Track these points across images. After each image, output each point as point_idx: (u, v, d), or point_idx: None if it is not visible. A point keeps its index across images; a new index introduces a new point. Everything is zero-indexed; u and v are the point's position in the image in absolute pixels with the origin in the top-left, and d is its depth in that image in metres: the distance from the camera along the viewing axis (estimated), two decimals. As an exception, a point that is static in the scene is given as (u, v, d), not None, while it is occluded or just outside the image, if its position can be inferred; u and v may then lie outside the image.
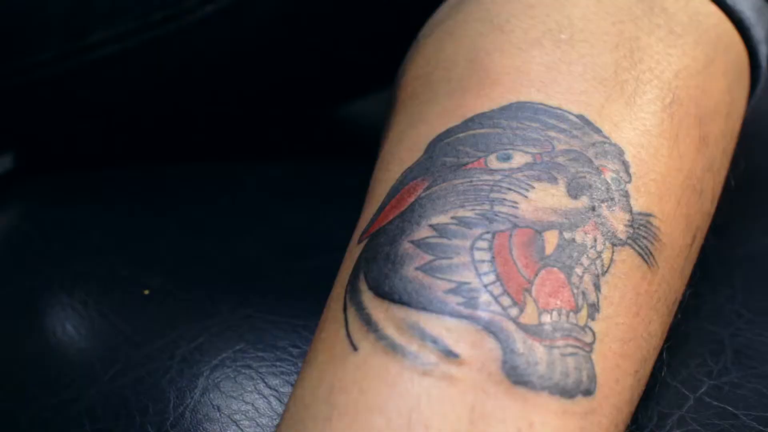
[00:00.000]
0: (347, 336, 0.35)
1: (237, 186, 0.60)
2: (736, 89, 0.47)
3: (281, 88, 0.63)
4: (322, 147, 0.66)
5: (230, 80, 0.61)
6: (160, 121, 0.64)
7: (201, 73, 0.60)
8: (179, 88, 0.61)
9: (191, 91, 0.61)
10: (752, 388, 0.43)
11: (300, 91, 0.64)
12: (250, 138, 0.65)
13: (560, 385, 0.34)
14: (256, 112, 0.66)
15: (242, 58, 0.59)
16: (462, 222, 0.36)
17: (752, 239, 0.54)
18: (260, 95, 0.63)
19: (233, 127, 0.66)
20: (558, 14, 0.43)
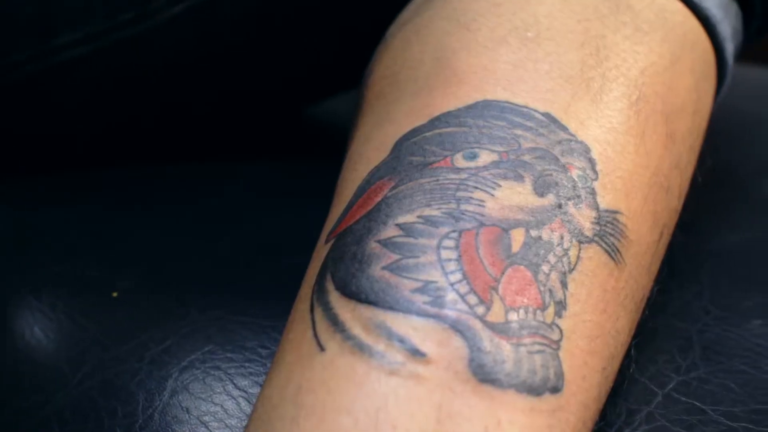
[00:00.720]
0: (314, 336, 0.35)
1: (207, 187, 0.60)
2: (703, 86, 0.47)
3: (251, 88, 0.63)
4: (292, 147, 0.66)
5: (200, 80, 0.61)
6: (133, 122, 0.63)
7: (172, 73, 0.60)
8: (151, 88, 0.60)
9: (163, 92, 0.61)
10: (720, 383, 0.44)
11: (270, 91, 0.64)
12: (220, 138, 0.65)
13: (527, 382, 0.34)
14: (225, 112, 0.65)
15: (212, 58, 0.59)
16: (428, 221, 0.36)
17: (720, 236, 0.54)
18: (230, 95, 0.63)
19: (204, 127, 0.66)
20: (524, 12, 0.43)
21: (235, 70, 0.60)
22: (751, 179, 0.61)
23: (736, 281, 0.51)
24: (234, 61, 0.59)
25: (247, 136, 0.66)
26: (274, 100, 0.66)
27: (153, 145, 0.63)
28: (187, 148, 0.63)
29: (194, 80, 0.60)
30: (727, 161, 0.61)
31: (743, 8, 0.51)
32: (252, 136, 0.66)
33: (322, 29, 0.58)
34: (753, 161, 0.64)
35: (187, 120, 0.64)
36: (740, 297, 0.49)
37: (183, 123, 0.64)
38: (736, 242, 0.54)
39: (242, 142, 0.65)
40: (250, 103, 0.65)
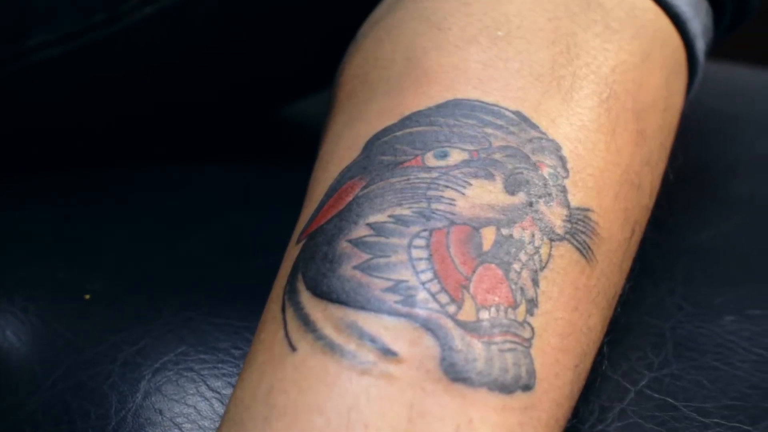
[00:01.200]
0: (286, 336, 0.35)
1: (180, 188, 0.60)
2: (674, 83, 0.47)
3: (223, 88, 0.63)
4: (265, 148, 0.65)
5: (172, 81, 0.61)
6: (105, 123, 0.63)
7: (144, 75, 0.59)
8: (124, 89, 0.60)
9: (136, 93, 0.61)
10: (692, 379, 0.44)
11: (242, 92, 0.64)
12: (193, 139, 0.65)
13: (499, 381, 0.34)
14: (197, 113, 0.65)
15: (184, 58, 0.59)
16: (399, 220, 0.36)
17: (692, 232, 0.54)
18: (202, 96, 0.63)
19: (176, 128, 0.66)
20: (494, 11, 0.43)
21: (207, 71, 0.60)
22: (722, 176, 0.61)
23: (709, 278, 0.51)
24: (206, 61, 0.59)
25: (219, 136, 0.66)
26: (245, 100, 0.66)
27: (125, 146, 0.63)
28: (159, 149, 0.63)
29: (166, 81, 0.60)
30: (698, 158, 0.61)
31: (714, 5, 0.51)
32: (224, 137, 0.66)
33: (292, 30, 0.58)
34: (724, 158, 0.64)
35: (160, 121, 0.64)
36: (712, 293, 0.49)
37: (156, 124, 0.64)
38: (708, 239, 0.54)
39: (214, 143, 0.65)
40: (222, 104, 0.65)
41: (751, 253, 0.54)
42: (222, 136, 0.66)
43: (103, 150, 0.63)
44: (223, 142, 0.65)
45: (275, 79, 0.64)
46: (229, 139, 0.66)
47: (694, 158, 0.60)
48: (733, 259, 0.53)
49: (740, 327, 0.47)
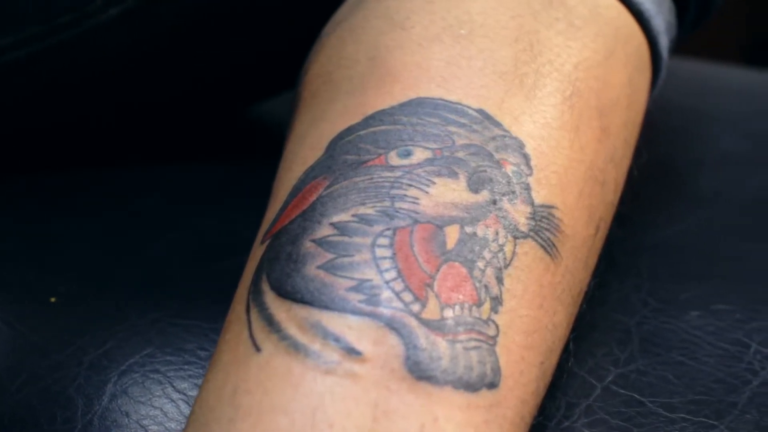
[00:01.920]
0: (250, 337, 0.35)
1: (147, 190, 0.59)
2: (637, 80, 0.47)
3: (189, 89, 0.63)
4: (231, 148, 0.65)
5: (139, 82, 0.60)
6: (70, 126, 0.63)
7: (108, 76, 0.59)
8: (89, 91, 0.60)
9: (102, 94, 0.61)
10: (658, 375, 0.44)
11: (208, 92, 0.64)
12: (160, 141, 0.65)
13: (464, 379, 0.34)
14: (164, 115, 0.65)
15: (149, 59, 0.58)
16: (363, 219, 0.36)
17: (657, 229, 0.54)
18: (168, 97, 0.63)
19: (143, 130, 0.66)
20: (457, 10, 0.43)
21: (173, 71, 0.60)
22: (687, 172, 0.62)
23: (674, 273, 0.51)
24: (171, 61, 0.59)
25: (185, 137, 0.66)
26: (211, 100, 0.66)
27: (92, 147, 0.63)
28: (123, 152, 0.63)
29: (132, 81, 0.60)
30: (664, 155, 0.62)
31: (677, 2, 0.51)
32: (190, 138, 0.66)
33: (258, 30, 0.58)
34: (690, 154, 0.64)
35: (125, 122, 0.64)
36: (678, 289, 0.50)
37: (121, 125, 0.64)
38: (674, 235, 0.55)
39: (180, 144, 0.64)
40: (188, 104, 0.65)
41: (716, 249, 0.54)
42: (188, 137, 0.66)
43: (68, 152, 0.63)
44: (189, 143, 0.65)
45: (241, 79, 0.64)
46: (195, 140, 0.66)
47: (660, 155, 0.60)
48: (698, 254, 0.53)
49: (705, 322, 0.47)
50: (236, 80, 0.64)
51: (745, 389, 0.43)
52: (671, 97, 0.70)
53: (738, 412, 0.42)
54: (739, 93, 0.78)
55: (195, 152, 0.64)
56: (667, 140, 0.64)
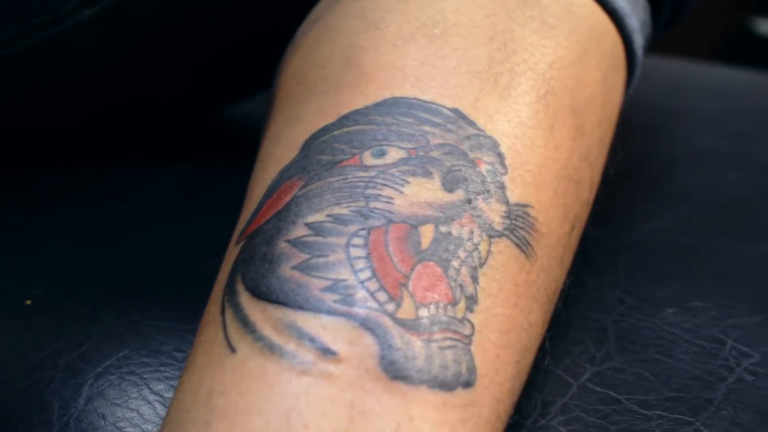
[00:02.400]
0: (225, 338, 0.35)
1: (123, 192, 0.59)
2: (612, 79, 0.47)
3: (165, 90, 0.62)
4: (207, 149, 0.65)
5: (113, 83, 0.60)
6: (45, 127, 0.63)
7: (85, 77, 0.59)
8: (64, 92, 0.60)
9: (76, 95, 0.60)
10: (634, 372, 0.44)
11: (185, 93, 0.64)
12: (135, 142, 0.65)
13: (439, 378, 0.34)
14: (139, 115, 0.65)
15: (125, 60, 0.58)
16: (337, 219, 0.36)
17: (633, 226, 0.55)
18: (144, 98, 0.63)
19: (118, 132, 0.65)
20: (431, 9, 0.43)
21: (149, 73, 0.60)
22: (663, 170, 0.62)
23: (650, 271, 0.51)
24: (148, 63, 0.59)
25: (160, 138, 0.65)
26: (188, 102, 0.65)
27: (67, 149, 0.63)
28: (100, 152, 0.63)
29: (107, 83, 0.59)
30: (639, 153, 0.62)
31: (652, 1, 0.51)
32: (166, 139, 0.65)
33: (234, 30, 0.58)
34: (665, 152, 0.64)
35: (101, 123, 0.63)
36: (654, 286, 0.50)
37: (97, 126, 0.64)
38: (649, 233, 0.55)
39: (156, 145, 0.64)
40: (164, 106, 0.64)
41: (691, 246, 0.54)
42: (163, 138, 0.66)
43: (44, 153, 0.62)
44: (165, 144, 0.65)
45: (217, 79, 0.64)
46: (171, 141, 0.65)
47: (636, 153, 0.60)
48: (674, 252, 0.54)
49: (682, 319, 0.47)
50: (212, 80, 0.64)
51: (721, 386, 0.44)
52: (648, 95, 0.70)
53: (714, 409, 0.42)
54: (716, 91, 0.79)
55: (170, 153, 0.64)
56: (643, 138, 0.64)
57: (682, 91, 0.76)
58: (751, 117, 0.73)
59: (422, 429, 0.33)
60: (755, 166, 0.64)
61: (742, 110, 0.74)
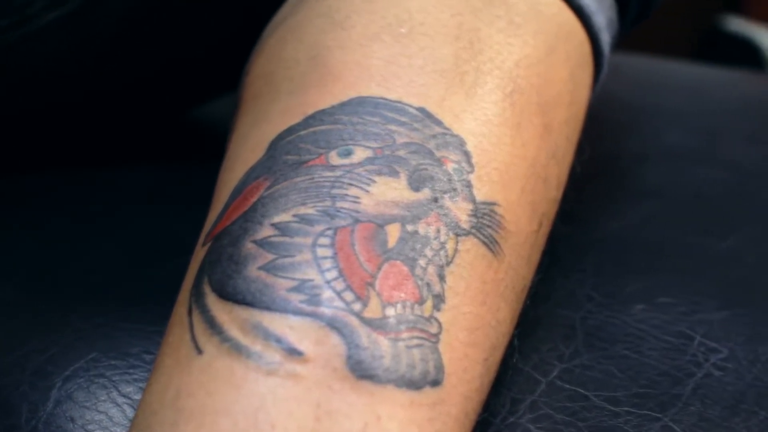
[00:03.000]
0: (192, 339, 0.35)
1: (90, 193, 0.59)
2: (579, 77, 0.47)
3: (132, 92, 0.62)
4: (176, 150, 0.65)
5: (80, 85, 0.60)
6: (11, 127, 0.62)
7: (51, 79, 0.59)
8: (30, 94, 0.59)
9: (43, 97, 0.60)
10: (603, 369, 0.44)
11: (151, 94, 0.64)
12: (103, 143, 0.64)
13: (406, 377, 0.34)
14: (107, 117, 0.65)
15: (91, 62, 0.58)
16: (304, 219, 0.36)
17: (601, 224, 0.55)
18: (111, 99, 0.62)
19: (85, 133, 0.65)
20: (397, 8, 0.43)
21: (115, 74, 0.59)
22: (632, 167, 0.62)
23: (619, 268, 0.52)
24: (113, 65, 0.59)
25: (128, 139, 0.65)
26: (156, 102, 0.65)
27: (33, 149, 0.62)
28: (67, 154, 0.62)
29: (74, 85, 0.59)
30: (608, 150, 0.62)
31: None
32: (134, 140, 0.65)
33: (200, 32, 0.58)
34: (634, 149, 0.65)
35: (69, 125, 0.63)
36: (622, 283, 0.50)
37: (64, 128, 0.63)
38: (618, 229, 0.55)
39: (123, 146, 0.64)
40: (132, 107, 0.64)
41: (660, 243, 0.54)
42: (131, 139, 0.65)
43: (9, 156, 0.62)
44: (132, 144, 0.65)
45: (184, 80, 0.64)
46: (139, 142, 0.65)
47: (604, 150, 0.61)
48: (642, 248, 0.54)
49: (650, 315, 0.48)
50: (180, 82, 0.63)
51: (689, 381, 0.44)
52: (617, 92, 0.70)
53: (682, 405, 0.43)
54: (685, 88, 0.79)
55: (138, 154, 0.63)
56: (612, 136, 0.64)
57: (651, 88, 0.76)
58: (720, 114, 0.73)
59: (390, 428, 0.33)
60: (723, 162, 0.65)
61: (711, 107, 0.74)
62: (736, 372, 0.45)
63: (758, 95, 0.81)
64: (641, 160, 0.63)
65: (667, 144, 0.66)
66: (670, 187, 0.60)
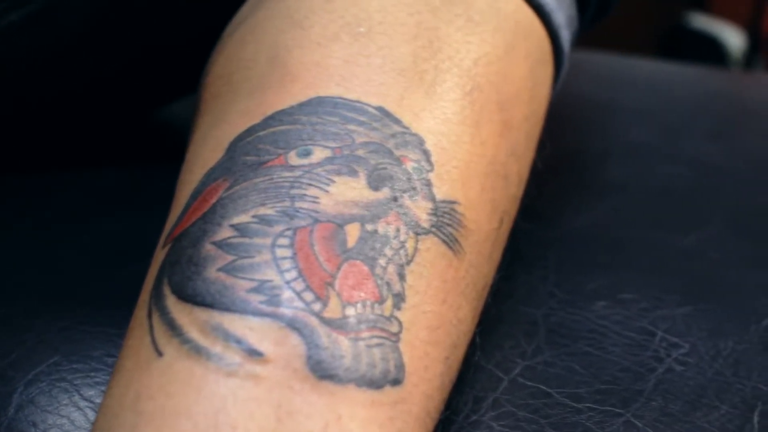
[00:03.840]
0: (152, 342, 0.35)
1: (51, 195, 0.59)
2: (539, 74, 0.48)
3: (93, 93, 0.62)
4: (137, 152, 0.65)
5: (40, 86, 0.60)
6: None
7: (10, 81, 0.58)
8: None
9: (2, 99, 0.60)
10: (565, 366, 0.44)
11: (114, 95, 0.63)
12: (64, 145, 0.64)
13: (367, 376, 0.34)
14: (68, 118, 0.64)
15: (52, 63, 0.58)
16: (263, 220, 0.36)
17: (563, 220, 0.55)
18: (71, 100, 0.62)
19: (47, 135, 0.65)
20: (356, 8, 0.43)
21: (76, 75, 0.59)
22: (594, 163, 0.62)
23: (581, 264, 0.52)
24: (75, 66, 0.58)
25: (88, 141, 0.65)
26: (118, 104, 0.65)
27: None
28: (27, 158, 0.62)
29: (35, 86, 0.59)
30: (571, 147, 0.62)
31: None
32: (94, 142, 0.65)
33: (163, 32, 0.58)
34: (597, 145, 0.65)
35: (31, 126, 0.63)
36: (585, 279, 0.50)
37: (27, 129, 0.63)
38: (580, 226, 0.55)
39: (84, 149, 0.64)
40: (94, 108, 0.64)
41: (622, 239, 0.55)
42: (93, 141, 0.65)
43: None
44: (93, 147, 0.64)
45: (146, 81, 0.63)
46: (100, 144, 0.65)
47: (567, 147, 0.61)
48: (604, 245, 0.54)
49: (612, 311, 0.48)
50: (142, 82, 0.63)
51: (651, 377, 0.44)
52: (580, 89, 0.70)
53: (644, 400, 0.43)
54: (648, 85, 0.80)
55: (100, 156, 0.63)
56: (574, 132, 0.64)
57: (613, 85, 0.77)
58: (682, 110, 0.74)
59: (350, 428, 0.33)
60: (685, 158, 0.65)
61: (674, 103, 0.75)
62: (698, 367, 0.45)
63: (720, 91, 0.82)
64: (604, 157, 0.63)
65: (629, 140, 0.66)
66: (632, 183, 0.60)
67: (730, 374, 0.45)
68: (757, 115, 0.77)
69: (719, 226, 0.57)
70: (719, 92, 0.83)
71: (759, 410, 0.43)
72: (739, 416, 0.42)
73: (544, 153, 0.49)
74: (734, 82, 0.93)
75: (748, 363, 0.45)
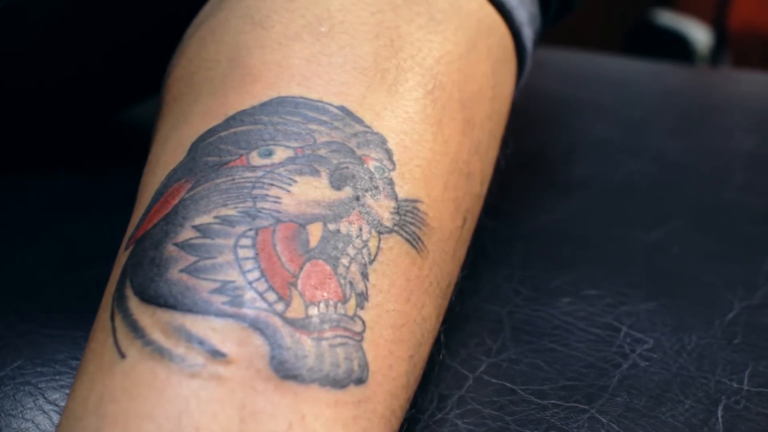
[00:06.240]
0: (115, 344, 0.35)
1: (11, 198, 0.58)
2: (501, 72, 0.48)
3: (55, 94, 0.62)
4: (100, 154, 0.65)
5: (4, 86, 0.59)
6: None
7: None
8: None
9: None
10: (530, 362, 0.44)
11: (78, 97, 0.63)
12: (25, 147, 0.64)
13: (330, 376, 0.34)
14: (31, 118, 0.64)
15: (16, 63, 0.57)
16: (225, 221, 0.36)
17: (527, 218, 0.55)
18: (35, 100, 0.62)
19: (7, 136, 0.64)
20: (317, 7, 0.43)
21: (41, 75, 0.59)
22: (559, 161, 0.62)
23: (546, 261, 0.52)
24: (39, 65, 0.58)
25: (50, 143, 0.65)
26: (78, 106, 0.65)
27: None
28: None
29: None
30: (535, 144, 0.63)
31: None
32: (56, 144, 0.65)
33: (123, 34, 0.57)
34: (562, 143, 0.65)
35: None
36: (549, 276, 0.50)
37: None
38: (545, 223, 0.55)
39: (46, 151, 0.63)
40: (55, 110, 0.64)
41: (586, 235, 0.55)
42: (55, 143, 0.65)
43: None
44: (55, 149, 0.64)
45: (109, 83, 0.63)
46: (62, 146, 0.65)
47: (532, 144, 0.61)
48: (569, 241, 0.54)
49: (576, 308, 0.48)
50: (103, 84, 0.63)
51: (616, 372, 0.44)
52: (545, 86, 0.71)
53: (609, 396, 0.43)
54: (613, 82, 0.80)
55: (62, 159, 0.63)
56: (538, 130, 0.65)
57: (578, 81, 0.77)
58: (646, 106, 0.74)
59: (314, 427, 0.33)
60: (649, 154, 0.65)
61: (637, 100, 0.75)
62: (662, 362, 0.45)
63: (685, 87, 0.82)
64: (569, 153, 0.63)
65: (593, 137, 0.66)
66: (595, 179, 0.61)
67: (694, 369, 0.45)
68: (721, 110, 0.78)
69: (683, 221, 0.57)
70: (684, 88, 0.83)
71: (723, 404, 0.43)
72: (704, 410, 0.43)
73: (508, 151, 0.49)
74: (699, 78, 0.94)
75: (712, 357, 0.46)
